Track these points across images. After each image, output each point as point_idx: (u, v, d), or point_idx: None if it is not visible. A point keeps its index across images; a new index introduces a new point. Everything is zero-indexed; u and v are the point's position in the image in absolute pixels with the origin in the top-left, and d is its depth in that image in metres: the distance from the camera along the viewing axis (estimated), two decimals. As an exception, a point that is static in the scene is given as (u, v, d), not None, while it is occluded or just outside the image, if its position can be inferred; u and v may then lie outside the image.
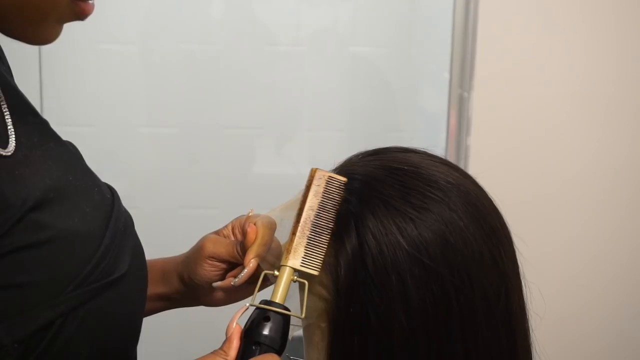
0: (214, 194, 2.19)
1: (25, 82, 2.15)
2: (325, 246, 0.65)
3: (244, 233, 0.76)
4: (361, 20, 2.19)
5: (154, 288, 0.84)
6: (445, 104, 1.70)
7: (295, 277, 0.65)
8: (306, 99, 2.21)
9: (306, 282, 0.64)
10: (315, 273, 0.64)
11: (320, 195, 0.67)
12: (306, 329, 0.68)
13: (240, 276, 0.72)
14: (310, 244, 0.65)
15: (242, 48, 2.15)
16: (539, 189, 1.67)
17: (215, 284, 0.77)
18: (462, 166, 0.66)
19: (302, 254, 0.65)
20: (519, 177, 1.66)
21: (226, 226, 0.82)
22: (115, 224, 0.64)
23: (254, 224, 0.75)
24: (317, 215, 0.66)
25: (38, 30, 0.60)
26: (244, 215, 0.83)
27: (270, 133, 2.21)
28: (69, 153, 0.67)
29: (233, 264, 0.79)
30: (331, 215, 0.66)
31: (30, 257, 0.57)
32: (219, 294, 0.82)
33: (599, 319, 1.74)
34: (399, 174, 0.65)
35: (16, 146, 0.60)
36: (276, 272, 0.65)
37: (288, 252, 0.65)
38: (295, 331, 0.73)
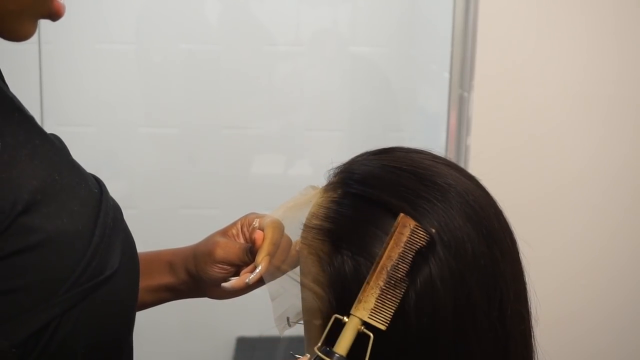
0: (213, 194, 2.19)
1: (25, 82, 2.15)
2: (398, 300, 0.61)
3: (252, 240, 0.79)
4: (361, 20, 2.19)
5: (160, 279, 0.87)
6: (445, 104, 1.70)
7: (362, 328, 0.61)
8: (306, 99, 2.21)
9: (371, 335, 0.61)
10: (383, 327, 0.61)
11: (402, 245, 0.62)
12: (305, 325, 0.68)
13: (253, 275, 0.76)
14: (382, 296, 0.62)
15: (242, 48, 2.15)
16: (538, 189, 1.67)
17: (225, 285, 0.79)
18: (461, 166, 0.66)
19: (372, 306, 0.62)
20: (519, 177, 1.66)
21: (235, 225, 0.84)
22: (104, 219, 0.64)
23: (261, 229, 0.78)
24: (395, 267, 0.62)
25: (16, 25, 0.61)
26: (252, 213, 0.85)
27: (270, 133, 2.21)
28: (54, 149, 0.67)
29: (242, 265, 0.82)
30: (409, 267, 0.62)
31: (22, 262, 0.57)
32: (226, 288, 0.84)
33: (599, 319, 1.74)
34: (397, 173, 0.65)
35: (2, 148, 0.60)
36: (345, 319, 0.62)
37: (359, 301, 0.62)
38: (296, 331, 0.73)
